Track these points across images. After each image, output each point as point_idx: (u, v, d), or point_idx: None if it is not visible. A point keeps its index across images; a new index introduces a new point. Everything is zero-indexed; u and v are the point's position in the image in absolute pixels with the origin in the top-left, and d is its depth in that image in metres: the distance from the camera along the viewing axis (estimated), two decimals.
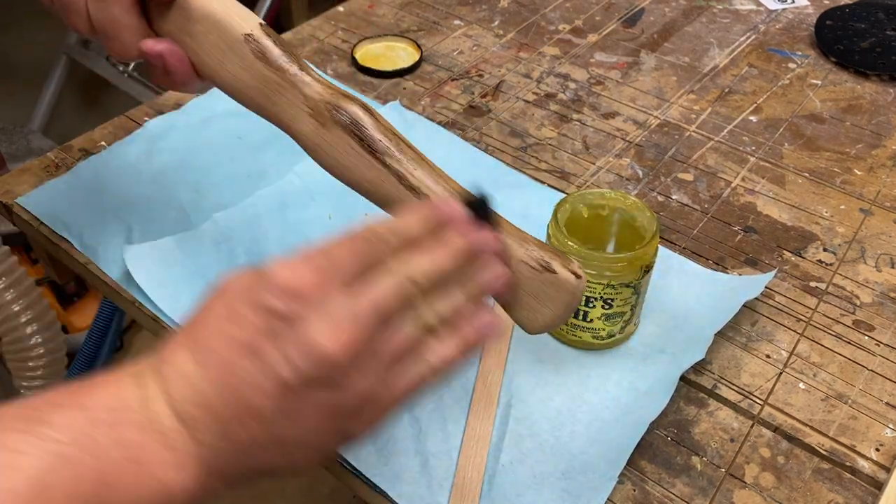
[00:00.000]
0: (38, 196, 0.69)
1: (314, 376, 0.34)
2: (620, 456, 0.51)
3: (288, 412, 0.35)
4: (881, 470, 0.51)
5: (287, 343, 0.34)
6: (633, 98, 0.83)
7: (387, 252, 0.36)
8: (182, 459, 0.34)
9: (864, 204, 0.71)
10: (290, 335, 0.34)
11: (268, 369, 0.34)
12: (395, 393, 0.37)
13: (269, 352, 0.34)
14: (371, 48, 0.89)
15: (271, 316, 0.34)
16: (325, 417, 0.35)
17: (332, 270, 0.35)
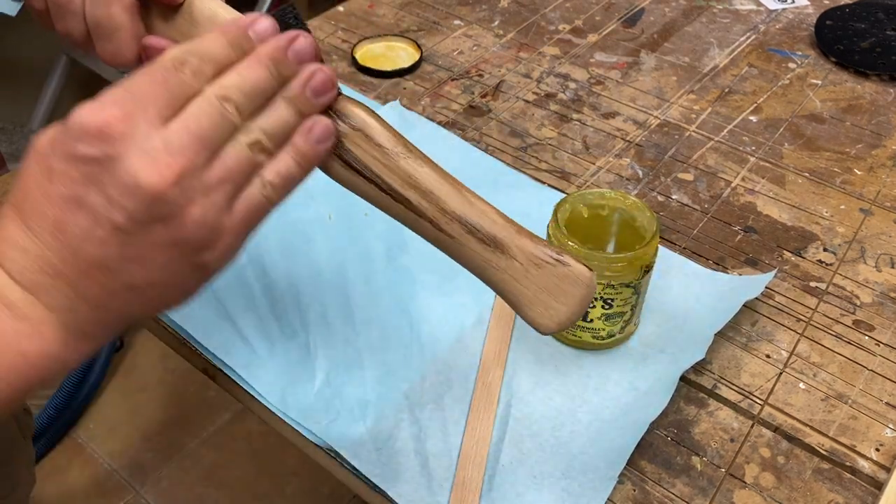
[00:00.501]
0: None
1: (145, 214, 0.33)
2: (620, 456, 0.51)
3: (131, 256, 0.34)
4: (881, 470, 0.51)
5: (108, 186, 0.33)
6: (633, 98, 0.83)
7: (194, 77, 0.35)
8: (38, 328, 0.34)
9: (864, 204, 0.71)
10: (109, 178, 0.33)
11: (97, 217, 0.33)
12: (238, 217, 0.35)
13: (94, 199, 0.33)
14: (371, 48, 0.89)
15: (85, 163, 0.33)
16: (171, 253, 0.34)
17: (137, 103, 0.33)
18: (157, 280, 0.35)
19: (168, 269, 0.35)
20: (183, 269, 0.35)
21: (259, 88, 0.35)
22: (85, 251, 0.34)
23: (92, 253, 0.33)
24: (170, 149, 0.33)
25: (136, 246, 0.34)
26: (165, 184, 0.33)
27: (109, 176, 0.33)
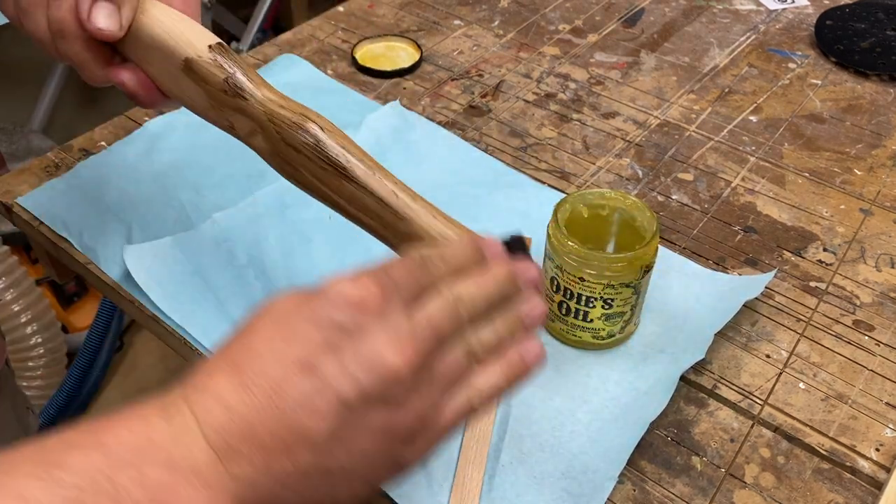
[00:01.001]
0: (38, 196, 0.69)
1: (375, 393, 0.33)
2: (620, 456, 0.51)
3: (342, 436, 0.33)
4: (881, 470, 0.51)
5: (349, 357, 0.32)
6: (633, 98, 0.83)
7: (437, 277, 0.36)
8: (215, 498, 0.32)
9: (864, 204, 0.71)
10: (353, 349, 0.33)
11: (325, 386, 0.32)
12: (446, 418, 0.36)
13: (329, 367, 0.32)
14: (371, 48, 0.89)
15: (334, 329, 0.33)
16: (379, 442, 0.34)
17: (392, 287, 0.34)
18: (353, 468, 0.34)
19: (369, 458, 0.34)
20: (381, 461, 0.34)
21: (489, 304, 0.37)
22: (298, 421, 0.32)
23: (305, 424, 0.32)
24: (415, 336, 0.33)
25: (352, 426, 0.33)
26: (407, 367, 0.33)
27: (353, 347, 0.33)
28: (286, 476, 0.32)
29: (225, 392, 0.32)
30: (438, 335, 0.35)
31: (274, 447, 0.32)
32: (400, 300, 0.34)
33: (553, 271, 0.55)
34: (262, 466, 0.32)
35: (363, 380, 0.32)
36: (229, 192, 0.69)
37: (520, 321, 0.38)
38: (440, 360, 0.35)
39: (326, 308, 0.33)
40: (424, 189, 0.71)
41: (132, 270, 0.61)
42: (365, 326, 0.33)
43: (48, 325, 1.38)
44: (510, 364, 0.37)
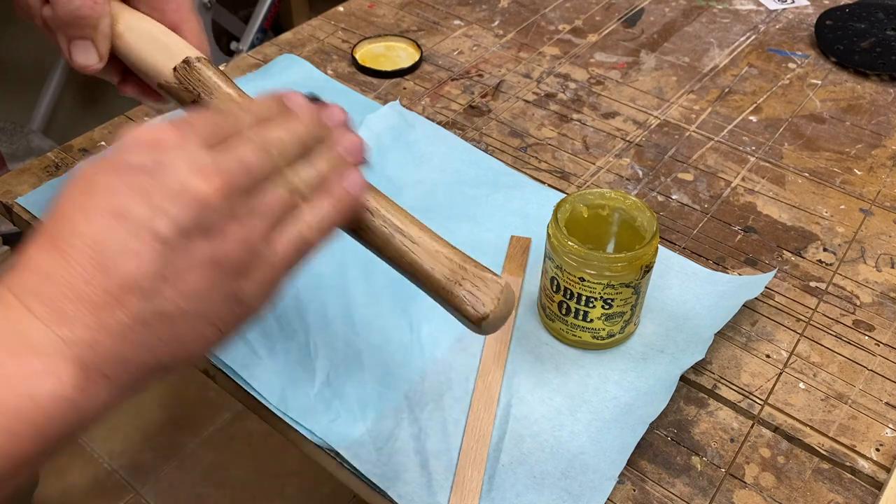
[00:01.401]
0: (39, 196, 0.69)
1: (189, 223, 0.32)
2: (620, 456, 0.51)
3: (168, 275, 0.32)
4: (881, 470, 0.51)
5: (155, 194, 0.32)
6: (633, 98, 0.83)
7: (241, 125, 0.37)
8: (52, 366, 0.31)
9: (864, 204, 0.71)
10: (157, 185, 0.32)
11: (138, 228, 0.32)
12: (278, 250, 0.36)
13: (137, 208, 0.32)
14: (371, 48, 0.89)
15: (133, 171, 0.33)
16: (209, 275, 0.33)
17: (189, 127, 0.35)
18: (191, 309, 0.33)
19: (203, 294, 0.33)
20: (218, 298, 0.34)
21: (299, 141, 0.38)
22: (119, 268, 0.32)
23: (126, 269, 0.32)
24: (218, 166, 0.34)
25: (176, 263, 0.32)
26: (213, 192, 0.33)
27: (157, 183, 0.32)
28: (123, 328, 0.32)
29: (41, 263, 0.32)
30: (247, 170, 0.35)
31: (102, 301, 0.31)
32: (199, 139, 0.34)
33: (553, 271, 0.55)
34: (95, 324, 0.31)
35: (174, 212, 0.32)
36: None
37: (339, 157, 0.39)
38: (259, 195, 0.35)
39: (124, 155, 0.33)
40: (424, 189, 0.72)
41: None
42: (165, 162, 0.33)
43: None
44: (336, 196, 0.38)
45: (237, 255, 0.34)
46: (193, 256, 0.33)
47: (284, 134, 0.37)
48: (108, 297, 0.31)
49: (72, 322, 0.31)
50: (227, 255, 0.34)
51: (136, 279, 0.32)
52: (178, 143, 0.34)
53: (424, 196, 0.70)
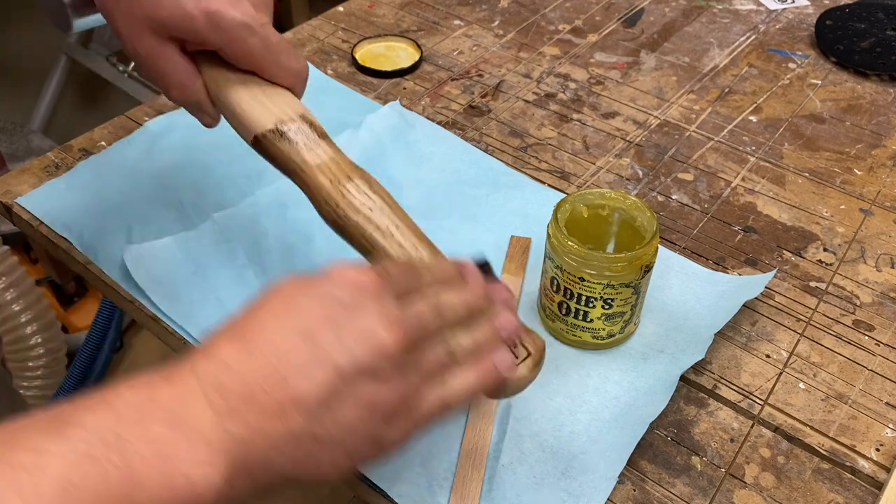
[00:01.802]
0: (38, 196, 0.69)
1: (366, 365, 0.35)
2: (620, 456, 0.51)
3: (332, 404, 0.35)
4: (881, 470, 0.51)
5: (346, 330, 0.35)
6: (633, 98, 0.83)
7: (425, 283, 0.40)
8: (212, 455, 0.33)
9: (864, 204, 0.71)
10: (350, 324, 0.36)
11: (322, 355, 0.35)
12: (424, 407, 0.38)
13: (327, 338, 0.35)
14: (371, 48, 0.89)
15: (334, 304, 0.36)
16: (364, 414, 0.36)
17: (388, 278, 0.38)
18: (338, 438, 0.36)
19: (353, 429, 0.36)
20: (363, 435, 0.37)
21: (466, 309, 0.41)
22: (294, 384, 0.34)
23: (299, 388, 0.34)
24: (403, 320, 0.37)
25: (342, 395, 0.35)
26: (396, 344, 0.36)
27: (351, 322, 0.36)
28: (278, 438, 0.34)
29: (228, 356, 0.35)
30: (423, 327, 0.38)
31: (270, 409, 0.34)
32: (393, 290, 0.38)
33: (553, 271, 0.55)
34: (257, 427, 0.34)
35: (357, 351, 0.35)
36: (229, 192, 0.69)
37: (495, 332, 0.42)
38: (423, 352, 0.38)
39: (329, 286, 0.37)
40: (425, 189, 0.72)
41: (132, 270, 0.61)
42: (362, 305, 0.36)
43: (48, 326, 1.38)
44: (484, 369, 0.40)
45: (392, 403, 0.37)
46: (358, 394, 0.36)
47: (456, 300, 0.40)
48: (277, 408, 0.34)
49: (238, 420, 0.34)
50: (384, 400, 0.36)
51: (306, 399, 0.35)
52: (376, 291, 0.37)
53: (424, 196, 0.70)
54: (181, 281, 0.61)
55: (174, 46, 0.48)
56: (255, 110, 0.48)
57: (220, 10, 0.45)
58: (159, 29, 0.47)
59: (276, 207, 0.67)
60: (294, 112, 0.49)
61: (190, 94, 0.50)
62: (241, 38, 0.47)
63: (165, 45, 0.48)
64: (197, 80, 0.49)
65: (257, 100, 0.49)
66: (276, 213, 0.67)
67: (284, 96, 0.50)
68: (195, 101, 0.50)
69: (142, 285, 0.60)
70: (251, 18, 0.46)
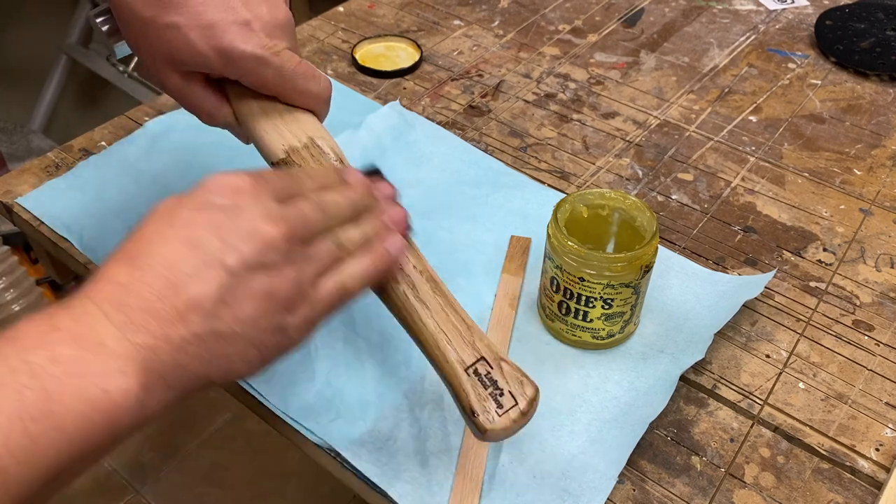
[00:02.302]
0: (38, 196, 0.69)
1: (254, 259, 0.37)
2: (620, 456, 0.51)
3: (228, 300, 0.37)
4: (881, 470, 0.51)
5: (228, 231, 0.38)
6: (633, 98, 0.83)
7: (305, 188, 0.43)
8: (121, 365, 0.35)
9: (863, 204, 0.71)
10: (231, 224, 0.38)
11: (209, 258, 0.37)
12: (321, 293, 0.41)
13: (211, 241, 0.37)
14: (371, 48, 0.89)
15: (213, 210, 0.38)
16: (262, 306, 0.38)
17: (265, 183, 0.40)
18: (242, 332, 0.38)
19: (254, 321, 0.38)
20: (266, 327, 0.38)
21: (351, 207, 0.44)
22: (188, 289, 0.36)
23: (194, 291, 0.36)
24: (284, 215, 0.39)
25: (236, 291, 0.37)
26: (279, 236, 0.38)
27: (231, 223, 0.38)
28: (182, 341, 0.36)
29: (118, 275, 0.37)
30: (307, 222, 0.40)
31: (169, 316, 0.36)
32: (272, 191, 0.40)
33: (553, 271, 0.55)
34: (160, 334, 0.36)
35: (242, 247, 0.37)
36: None
37: (383, 224, 0.45)
38: (312, 245, 0.41)
39: (206, 194, 0.39)
40: (425, 189, 0.72)
41: None
42: (241, 206, 0.38)
43: None
44: (377, 254, 0.43)
45: (287, 292, 0.39)
46: (251, 288, 0.38)
47: (340, 199, 0.43)
48: (175, 313, 0.36)
49: (141, 330, 0.36)
50: (279, 290, 0.38)
51: (201, 300, 0.36)
52: (253, 192, 0.39)
53: (424, 196, 0.70)
54: None
55: (199, 79, 0.50)
56: (271, 137, 0.50)
57: (231, 46, 0.46)
58: (179, 65, 0.48)
59: None
60: (305, 136, 0.50)
61: (219, 120, 0.52)
62: (254, 71, 0.48)
63: (189, 79, 0.49)
64: (223, 108, 0.51)
65: (275, 127, 0.50)
66: None
67: (300, 121, 0.51)
68: (225, 124, 0.52)
69: None
70: (263, 49, 0.47)
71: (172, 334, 0.36)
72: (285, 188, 0.41)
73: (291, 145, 0.49)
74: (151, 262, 0.37)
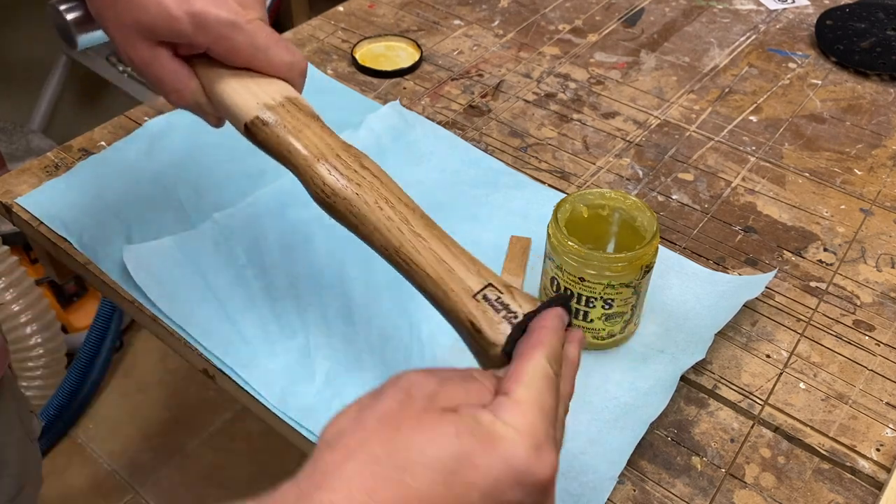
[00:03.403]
0: (38, 196, 0.69)
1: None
2: (621, 456, 0.51)
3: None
4: (881, 470, 0.51)
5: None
6: (633, 98, 0.83)
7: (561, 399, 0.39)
8: None
9: (864, 204, 0.71)
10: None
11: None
12: None
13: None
14: (371, 48, 0.89)
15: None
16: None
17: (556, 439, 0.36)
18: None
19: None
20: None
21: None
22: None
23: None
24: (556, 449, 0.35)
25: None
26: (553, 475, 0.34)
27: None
28: None
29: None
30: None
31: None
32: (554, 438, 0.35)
33: (553, 271, 0.55)
34: None
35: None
36: (229, 192, 0.69)
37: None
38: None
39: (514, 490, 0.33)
40: (424, 189, 0.71)
41: (131, 270, 0.61)
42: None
43: (48, 325, 1.38)
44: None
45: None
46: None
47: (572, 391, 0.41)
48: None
49: None
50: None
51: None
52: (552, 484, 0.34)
53: (424, 196, 0.70)
54: (181, 281, 0.61)
55: (166, 51, 0.48)
56: (242, 98, 0.47)
57: (204, 10, 0.45)
58: (148, 34, 0.46)
59: (276, 207, 0.67)
60: (281, 95, 0.48)
61: (187, 97, 0.49)
62: (226, 37, 0.46)
63: (157, 50, 0.47)
64: (191, 83, 0.49)
65: (246, 88, 0.48)
66: (276, 213, 0.67)
67: (274, 83, 0.49)
68: (194, 102, 0.50)
69: (141, 285, 0.60)
70: (236, 15, 0.46)
71: None
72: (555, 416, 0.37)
73: (266, 102, 0.47)
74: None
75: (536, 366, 0.36)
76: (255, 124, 0.47)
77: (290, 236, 0.65)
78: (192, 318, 0.59)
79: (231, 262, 0.63)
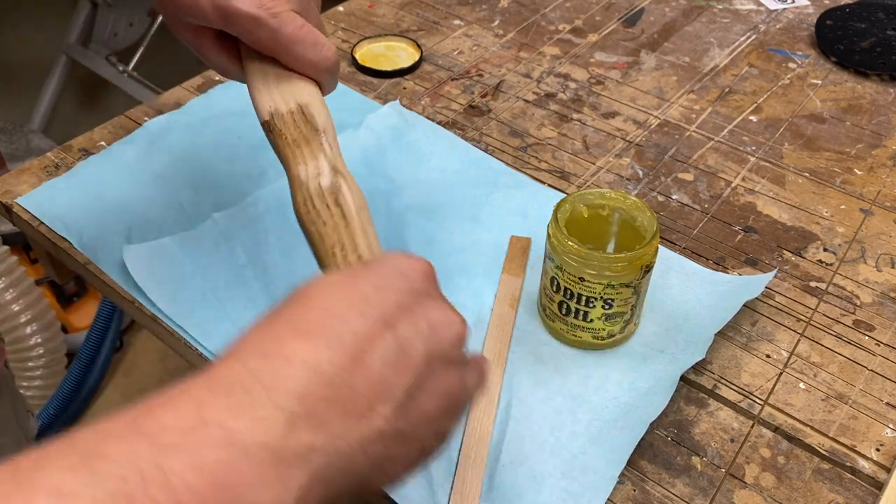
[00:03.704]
0: (38, 196, 0.69)
1: (444, 354, 0.34)
2: (621, 456, 0.51)
3: (416, 394, 0.32)
4: (881, 470, 0.51)
5: (422, 318, 0.34)
6: (633, 98, 0.83)
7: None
8: (285, 474, 0.28)
9: (864, 204, 0.71)
10: (424, 312, 0.34)
11: (408, 343, 0.32)
12: (461, 404, 0.37)
13: (407, 326, 0.33)
14: (371, 48, 0.89)
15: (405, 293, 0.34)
16: (440, 405, 0.34)
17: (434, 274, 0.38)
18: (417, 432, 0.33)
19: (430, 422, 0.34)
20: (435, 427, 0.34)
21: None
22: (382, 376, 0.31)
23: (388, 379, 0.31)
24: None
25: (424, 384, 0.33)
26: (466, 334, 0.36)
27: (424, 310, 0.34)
28: (363, 440, 0.31)
29: (305, 355, 0.30)
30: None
31: (358, 408, 0.30)
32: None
33: (553, 271, 0.55)
34: (341, 430, 0.30)
35: (440, 337, 0.34)
36: (229, 192, 0.69)
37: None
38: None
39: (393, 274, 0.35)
40: (424, 189, 0.71)
41: (132, 270, 0.61)
42: (431, 293, 0.35)
43: (48, 325, 1.38)
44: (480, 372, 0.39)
45: (458, 395, 0.35)
46: (437, 383, 0.34)
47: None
48: (364, 405, 0.31)
49: (320, 426, 0.29)
50: (455, 390, 0.35)
51: (395, 392, 0.32)
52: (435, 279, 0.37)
53: (424, 196, 0.70)
54: (181, 281, 0.61)
55: (209, 34, 0.49)
56: (260, 96, 0.48)
57: (227, 4, 0.45)
58: (186, 19, 0.47)
59: (276, 207, 0.67)
60: (294, 101, 0.48)
61: (233, 76, 0.51)
62: (249, 31, 0.46)
63: (199, 34, 0.49)
64: (233, 65, 0.50)
65: (266, 87, 0.48)
66: (276, 213, 0.67)
67: (295, 87, 0.48)
68: (239, 80, 0.51)
69: (141, 285, 0.60)
70: (259, 9, 0.45)
71: (355, 431, 0.30)
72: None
73: (276, 108, 0.47)
74: (345, 339, 0.31)
75: None
76: (265, 126, 0.48)
77: (290, 236, 0.65)
78: (192, 319, 0.59)
79: (231, 262, 0.63)
